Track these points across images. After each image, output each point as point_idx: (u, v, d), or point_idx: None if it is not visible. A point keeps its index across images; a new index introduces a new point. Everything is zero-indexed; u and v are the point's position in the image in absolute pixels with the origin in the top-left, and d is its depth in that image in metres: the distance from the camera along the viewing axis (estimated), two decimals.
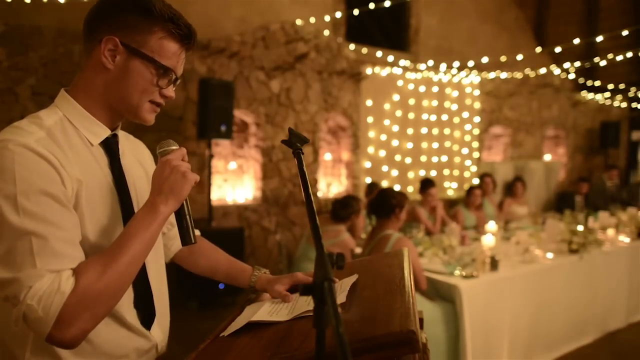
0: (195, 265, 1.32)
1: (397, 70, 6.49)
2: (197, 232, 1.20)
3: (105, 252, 0.89)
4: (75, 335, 0.82)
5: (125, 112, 1.01)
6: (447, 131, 7.14)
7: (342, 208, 3.53)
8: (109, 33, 0.95)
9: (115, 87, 0.97)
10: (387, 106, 6.50)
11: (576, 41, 5.90)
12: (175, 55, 0.99)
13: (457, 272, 3.07)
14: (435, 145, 7.01)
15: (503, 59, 6.57)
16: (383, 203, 3.00)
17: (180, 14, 0.99)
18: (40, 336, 0.82)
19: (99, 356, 0.98)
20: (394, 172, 6.61)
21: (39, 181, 0.85)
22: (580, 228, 4.02)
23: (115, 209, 1.01)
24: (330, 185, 6.39)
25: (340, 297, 1.02)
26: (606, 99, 8.91)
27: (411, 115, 6.74)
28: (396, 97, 6.57)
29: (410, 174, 6.77)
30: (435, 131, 7.00)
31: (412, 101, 6.73)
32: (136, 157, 1.14)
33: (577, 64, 6.85)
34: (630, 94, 8.43)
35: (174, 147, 1.02)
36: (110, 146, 1.03)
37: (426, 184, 4.85)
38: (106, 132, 1.02)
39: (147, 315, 1.06)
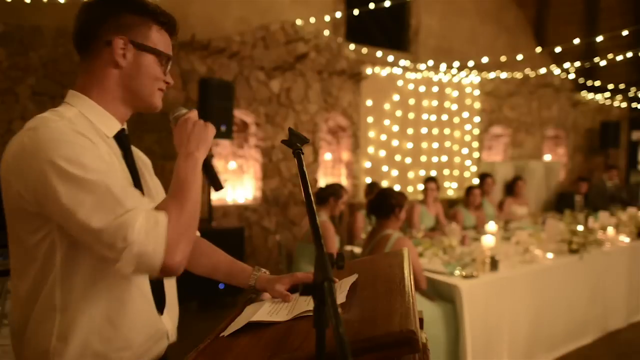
0: (196, 265, 1.32)
1: (397, 70, 6.49)
2: (197, 233, 1.25)
3: (170, 195, 0.98)
4: (181, 260, 0.93)
5: (139, 103, 1.11)
6: (447, 131, 7.14)
7: (322, 190, 3.73)
8: (115, 34, 1.04)
9: (128, 82, 1.07)
10: (387, 106, 6.50)
11: (576, 41, 5.90)
12: (168, 44, 1.12)
13: (457, 272, 3.07)
14: (435, 145, 7.01)
15: (503, 59, 6.57)
16: (382, 203, 3.00)
17: (161, 8, 1.10)
18: (153, 270, 0.90)
19: (123, 344, 1.02)
20: (394, 172, 6.61)
21: (89, 147, 0.94)
22: (580, 228, 4.02)
23: None
24: None
25: (340, 297, 1.03)
26: (606, 99, 8.91)
27: (411, 115, 6.74)
28: (396, 97, 6.57)
29: (410, 174, 6.77)
30: (435, 131, 7.00)
31: (412, 101, 6.73)
32: (136, 153, 1.21)
33: (577, 64, 6.85)
34: (630, 94, 8.43)
35: (185, 110, 1.11)
36: (122, 140, 1.11)
37: (426, 179, 5.15)
38: (118, 126, 1.10)
39: (159, 300, 1.13)
